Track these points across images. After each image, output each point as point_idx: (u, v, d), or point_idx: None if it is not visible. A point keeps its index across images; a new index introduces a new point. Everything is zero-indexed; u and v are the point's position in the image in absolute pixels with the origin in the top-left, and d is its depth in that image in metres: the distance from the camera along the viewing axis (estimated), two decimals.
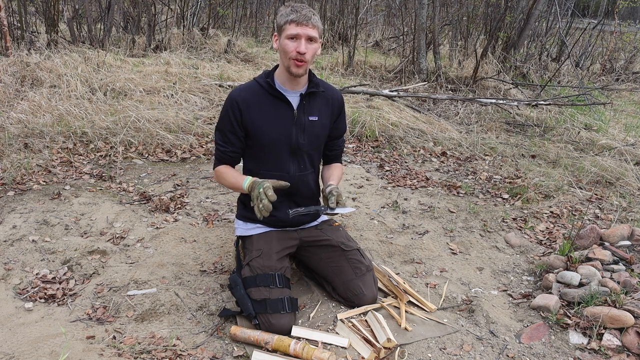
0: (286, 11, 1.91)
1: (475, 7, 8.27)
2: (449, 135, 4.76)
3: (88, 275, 2.27)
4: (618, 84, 8.55)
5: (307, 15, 1.88)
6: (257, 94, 2.01)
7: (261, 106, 2.00)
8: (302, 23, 1.88)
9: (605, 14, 11.25)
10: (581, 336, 1.99)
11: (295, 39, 1.89)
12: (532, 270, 2.54)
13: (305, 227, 2.21)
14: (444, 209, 3.22)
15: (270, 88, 2.00)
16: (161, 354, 1.78)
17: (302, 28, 1.88)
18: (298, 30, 1.88)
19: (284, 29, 1.90)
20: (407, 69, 7.10)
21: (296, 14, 1.88)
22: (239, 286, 1.98)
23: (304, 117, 2.04)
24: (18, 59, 5.03)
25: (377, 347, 1.89)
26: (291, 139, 2.03)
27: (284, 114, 2.01)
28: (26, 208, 2.82)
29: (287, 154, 2.05)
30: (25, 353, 1.73)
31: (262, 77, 2.04)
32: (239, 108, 1.98)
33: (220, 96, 5.19)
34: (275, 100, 2.01)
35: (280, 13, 1.94)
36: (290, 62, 1.92)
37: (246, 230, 2.16)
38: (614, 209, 3.37)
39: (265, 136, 2.01)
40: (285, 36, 1.90)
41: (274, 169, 2.06)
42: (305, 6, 1.91)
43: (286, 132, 2.02)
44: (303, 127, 2.04)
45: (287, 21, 1.89)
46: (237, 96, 1.99)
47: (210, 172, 3.59)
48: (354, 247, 2.17)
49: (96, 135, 3.90)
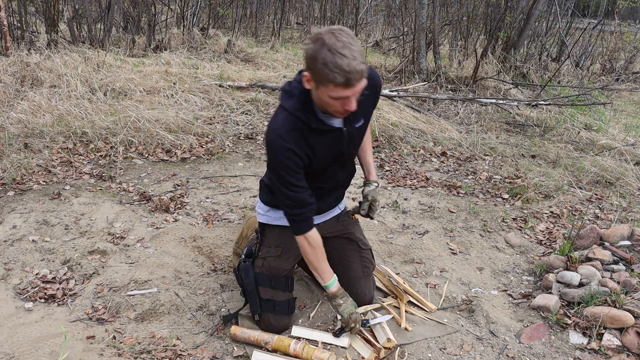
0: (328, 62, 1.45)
1: (475, 7, 8.27)
2: (449, 135, 4.76)
3: (88, 275, 2.27)
4: (618, 84, 8.54)
5: (356, 71, 1.46)
6: (303, 131, 1.70)
7: (312, 141, 1.72)
8: (351, 85, 1.49)
9: (605, 14, 11.25)
10: (581, 336, 1.99)
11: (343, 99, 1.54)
12: (532, 270, 2.54)
13: (328, 217, 2.09)
14: (444, 209, 3.22)
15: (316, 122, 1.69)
16: (161, 354, 1.79)
17: (352, 89, 1.50)
18: (347, 93, 1.51)
19: (327, 87, 1.50)
20: (407, 69, 7.10)
21: (344, 74, 1.45)
22: (250, 280, 1.94)
23: (351, 129, 1.81)
24: (18, 59, 5.03)
25: (377, 347, 1.89)
26: (343, 153, 1.85)
27: (335, 137, 1.78)
28: (26, 208, 2.82)
29: (339, 167, 1.92)
30: (25, 353, 1.73)
31: (299, 110, 1.68)
32: (297, 154, 1.69)
33: (220, 96, 5.19)
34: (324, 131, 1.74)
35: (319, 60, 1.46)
36: (334, 112, 1.64)
37: (273, 220, 1.99)
38: (614, 209, 3.37)
39: (321, 164, 1.81)
40: (327, 94, 1.53)
41: (325, 182, 1.91)
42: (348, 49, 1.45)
43: (339, 151, 1.83)
44: (353, 137, 1.85)
45: (333, 82, 1.48)
46: (287, 144, 1.66)
47: (211, 172, 3.59)
48: (369, 246, 2.17)
49: (96, 135, 3.90)
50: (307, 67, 1.55)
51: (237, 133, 4.42)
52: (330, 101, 1.56)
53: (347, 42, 1.46)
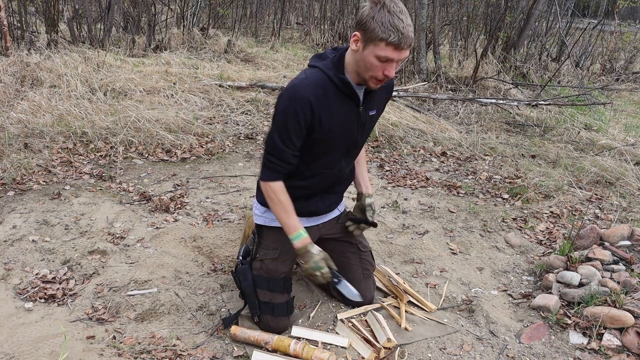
0: (384, 21, 1.51)
1: (475, 7, 8.27)
2: (449, 135, 4.76)
3: (88, 275, 2.27)
4: (618, 84, 8.54)
5: (409, 37, 1.53)
6: (329, 91, 1.70)
7: (331, 105, 1.72)
8: (402, 47, 1.54)
9: (605, 14, 11.25)
10: (581, 336, 1.99)
11: (386, 61, 1.58)
12: (532, 270, 2.54)
13: (327, 219, 2.08)
14: (444, 209, 3.22)
15: (345, 86, 1.70)
16: (161, 354, 1.79)
17: (400, 53, 1.56)
18: (394, 56, 1.56)
19: (378, 45, 1.54)
20: (407, 69, 7.10)
21: (397, 34, 1.51)
22: (248, 282, 1.94)
23: (365, 114, 1.82)
24: (18, 59, 5.03)
25: (377, 347, 1.89)
26: (352, 137, 1.83)
27: (351, 112, 1.77)
28: (26, 208, 2.82)
29: (343, 152, 1.87)
30: (25, 353, 1.73)
31: (331, 69, 1.70)
32: (312, 108, 1.67)
33: (220, 96, 5.19)
34: (346, 97, 1.74)
35: (374, 15, 1.53)
36: (370, 79, 1.65)
37: (269, 221, 1.97)
38: (614, 209, 3.37)
39: (330, 137, 1.78)
40: (374, 53, 1.56)
41: (326, 166, 1.86)
42: (404, 15, 1.53)
43: (349, 132, 1.81)
44: (364, 123, 1.84)
45: (385, 40, 1.52)
46: (308, 94, 1.66)
47: (211, 172, 3.59)
48: (369, 248, 2.17)
49: (96, 135, 3.90)
50: (360, 26, 1.58)
51: (237, 133, 4.42)
52: (375, 62, 1.58)
53: (405, 12, 1.54)
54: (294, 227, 1.80)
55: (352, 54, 1.66)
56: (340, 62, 1.71)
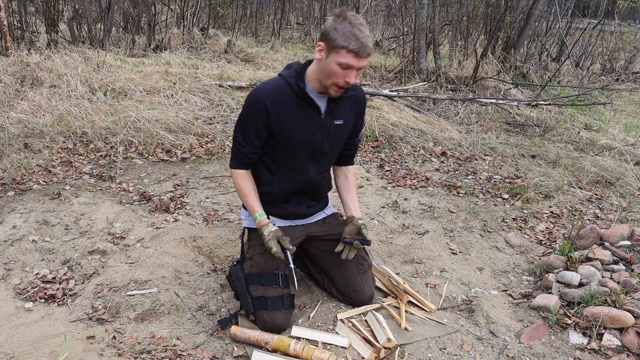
0: (345, 31, 1.68)
1: (475, 7, 8.27)
2: (449, 135, 4.76)
3: (88, 275, 2.27)
4: (618, 84, 8.54)
5: (367, 46, 1.69)
6: (286, 97, 1.86)
7: (289, 110, 1.87)
8: (360, 55, 1.71)
9: (605, 14, 11.25)
10: (581, 336, 1.99)
11: (346, 69, 1.73)
12: (532, 270, 2.54)
13: (312, 221, 2.16)
14: (444, 209, 3.22)
15: (301, 93, 1.86)
16: (161, 354, 1.79)
17: (359, 61, 1.72)
18: (354, 63, 1.71)
19: (338, 52, 1.70)
20: (407, 69, 7.10)
21: (357, 43, 1.67)
22: (240, 280, 1.97)
23: (330, 122, 1.94)
24: (18, 59, 5.03)
25: (377, 347, 1.89)
26: (315, 144, 1.95)
27: (311, 118, 1.90)
28: (26, 208, 2.82)
29: (309, 158, 1.98)
30: (25, 353, 1.73)
31: (292, 77, 1.87)
32: (267, 111, 1.84)
33: (220, 96, 5.19)
34: (304, 104, 1.88)
35: (336, 27, 1.70)
36: (332, 86, 1.79)
37: (253, 223, 2.05)
38: (614, 209, 3.37)
39: (291, 141, 1.91)
40: (336, 61, 1.72)
41: (294, 171, 1.99)
42: (364, 27, 1.70)
43: (311, 138, 1.93)
44: (329, 131, 1.95)
45: (346, 48, 1.68)
46: (265, 98, 1.84)
47: (210, 171, 3.59)
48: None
49: (96, 135, 3.90)
50: (323, 37, 1.75)
51: None
52: (337, 69, 1.74)
53: (364, 24, 1.72)
54: (253, 209, 1.96)
55: (316, 64, 1.82)
56: (302, 72, 1.89)
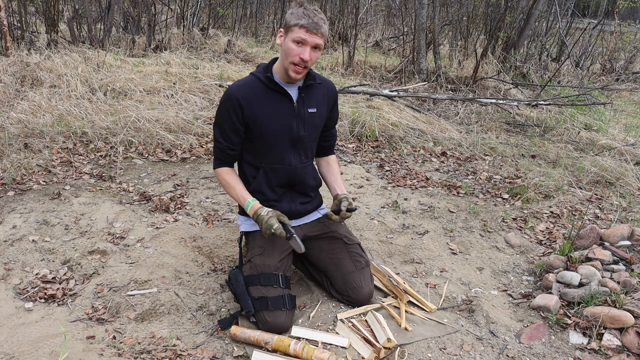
0: (298, 12, 1.86)
1: (475, 7, 8.27)
2: (449, 135, 4.76)
3: (88, 275, 2.27)
4: (618, 84, 8.55)
5: (318, 24, 1.84)
6: (257, 89, 1.98)
7: (262, 100, 1.98)
8: (311, 31, 1.84)
9: (605, 14, 11.25)
10: (581, 336, 1.99)
11: (301, 45, 1.86)
12: (532, 270, 2.54)
13: (308, 221, 2.21)
14: (444, 209, 3.22)
15: (270, 82, 1.97)
16: (161, 354, 1.79)
17: (311, 35, 1.85)
18: (306, 37, 1.85)
19: (292, 30, 1.86)
20: (407, 69, 7.10)
21: (307, 19, 1.83)
22: (240, 282, 1.98)
23: (303, 109, 2.03)
24: (18, 59, 5.03)
25: (377, 347, 1.89)
26: (292, 131, 2.02)
27: (284, 107, 2.00)
28: (26, 208, 2.82)
29: (288, 146, 2.05)
30: (25, 353, 1.73)
31: (260, 71, 2.01)
32: (240, 104, 1.95)
33: (220, 96, 5.19)
34: (275, 94, 1.99)
35: (292, 11, 1.88)
36: (290, 66, 1.90)
37: (250, 226, 2.13)
38: (614, 209, 3.37)
39: (267, 130, 1.99)
40: (291, 38, 1.87)
41: (276, 161, 2.05)
42: (317, 12, 1.87)
43: (287, 125, 2.01)
44: (303, 119, 2.04)
45: (297, 24, 1.84)
46: (236, 92, 1.96)
47: (210, 171, 3.59)
48: (356, 241, 2.21)
49: (96, 135, 3.90)
50: (283, 24, 1.93)
51: None
52: (293, 46, 1.86)
53: (319, 11, 1.88)
54: (244, 197, 2.00)
55: (280, 52, 1.96)
56: (269, 65, 2.03)
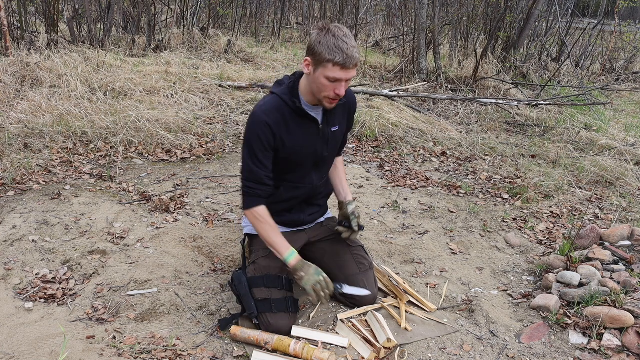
0: (329, 44, 1.68)
1: (475, 7, 8.27)
2: (449, 135, 4.76)
3: (88, 275, 2.27)
4: (618, 84, 8.54)
5: (353, 57, 1.70)
6: (285, 114, 1.87)
7: (290, 126, 1.89)
8: (347, 67, 1.70)
9: (605, 14, 11.25)
10: (581, 336, 1.99)
11: (335, 82, 1.74)
12: (532, 270, 2.54)
13: (312, 225, 2.21)
14: (444, 209, 3.22)
15: (297, 109, 1.88)
16: (161, 354, 1.79)
17: (347, 72, 1.72)
18: (341, 75, 1.72)
19: (326, 67, 1.71)
20: (407, 69, 7.10)
21: (342, 55, 1.68)
22: (243, 284, 1.97)
23: (327, 130, 1.98)
24: (18, 59, 5.03)
25: (377, 347, 1.89)
26: (317, 152, 1.98)
27: (311, 130, 1.94)
28: (26, 208, 2.82)
29: (311, 167, 2.02)
30: (25, 353, 1.73)
31: (286, 94, 1.88)
32: (272, 131, 1.85)
33: (220, 96, 5.19)
34: (303, 118, 1.91)
35: (320, 40, 1.70)
36: (324, 99, 1.81)
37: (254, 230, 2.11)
38: (614, 209, 3.37)
39: (294, 154, 1.94)
40: (324, 75, 1.73)
41: (297, 180, 2.02)
42: (347, 38, 1.70)
43: (313, 148, 1.96)
44: (327, 139, 1.99)
45: (331, 61, 1.69)
46: (267, 119, 1.83)
47: (211, 172, 3.59)
48: (359, 243, 2.22)
49: (96, 135, 3.90)
50: (309, 51, 1.76)
51: (237, 133, 4.42)
52: (326, 83, 1.75)
53: (349, 35, 1.72)
54: (286, 246, 1.91)
55: (306, 78, 1.84)
56: (294, 87, 1.90)
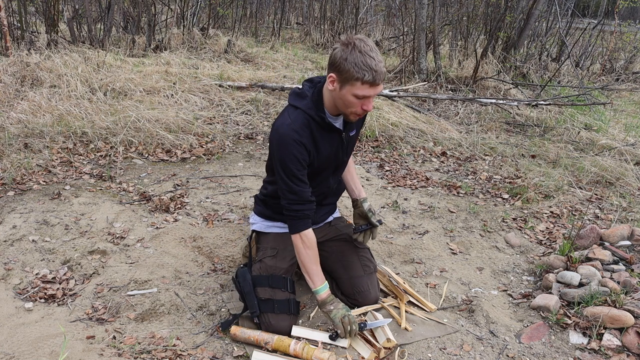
0: (358, 61, 1.61)
1: (475, 7, 8.27)
2: (449, 135, 4.76)
3: (88, 275, 2.27)
4: (618, 84, 8.54)
5: (381, 72, 1.64)
6: (313, 129, 1.83)
7: (318, 140, 1.86)
8: (376, 84, 1.65)
9: (605, 14, 11.24)
10: (581, 336, 1.99)
11: (363, 98, 1.69)
12: (532, 270, 2.54)
13: (320, 225, 2.20)
14: (444, 209, 3.22)
15: (324, 124, 1.84)
16: (161, 354, 1.79)
17: (376, 89, 1.67)
18: (371, 92, 1.67)
19: (354, 85, 1.65)
20: (407, 69, 7.10)
21: (371, 73, 1.62)
22: (247, 282, 1.97)
23: (347, 136, 1.97)
24: (18, 59, 5.03)
25: (377, 347, 1.89)
26: (338, 159, 1.99)
27: (335, 141, 1.92)
28: (26, 208, 2.82)
29: (331, 172, 2.02)
30: (25, 353, 1.73)
31: (310, 108, 1.82)
32: (307, 149, 1.81)
33: (220, 96, 5.19)
34: (329, 131, 1.88)
35: (346, 57, 1.62)
36: (350, 114, 1.77)
37: (265, 227, 2.12)
38: (614, 209, 3.37)
39: (320, 165, 1.92)
40: (352, 92, 1.67)
41: (317, 185, 1.98)
42: (374, 52, 1.64)
43: (335, 156, 1.96)
44: (346, 145, 1.99)
45: (360, 80, 1.63)
46: (300, 138, 1.78)
47: (210, 171, 3.59)
48: (366, 246, 2.21)
49: (96, 135, 3.90)
50: (334, 68, 1.68)
51: (237, 133, 4.42)
52: (354, 100, 1.70)
53: (375, 49, 1.65)
54: (322, 279, 1.89)
55: (330, 92, 1.77)
56: (319, 100, 1.83)
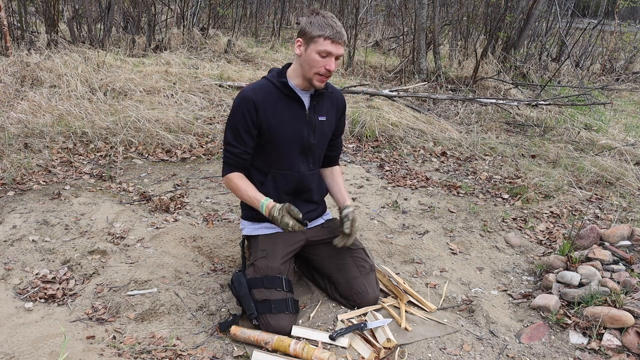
0: (319, 22, 1.84)
1: (475, 7, 8.27)
2: (449, 135, 4.76)
3: (88, 275, 2.27)
4: (618, 84, 8.55)
5: (341, 33, 1.84)
6: (271, 93, 1.97)
7: (275, 105, 1.97)
8: (336, 41, 1.84)
9: (605, 14, 11.25)
10: (581, 336, 1.99)
11: (326, 56, 1.86)
12: (532, 270, 2.54)
13: (312, 226, 2.19)
14: (444, 209, 3.22)
15: (285, 88, 1.97)
16: (161, 354, 1.79)
17: (336, 47, 1.85)
18: (332, 49, 1.85)
19: (316, 42, 1.85)
20: (407, 69, 7.10)
21: (331, 30, 1.83)
22: (242, 285, 1.97)
23: (314, 117, 2.04)
24: (18, 59, 5.03)
25: (377, 347, 1.89)
26: (303, 138, 2.03)
27: (297, 113, 2.00)
28: (26, 208, 2.82)
29: (298, 153, 2.05)
30: (25, 353, 1.73)
31: (273, 76, 2.00)
32: (255, 107, 1.94)
33: (220, 96, 5.19)
34: (289, 100, 1.99)
35: (310, 21, 1.86)
36: (315, 76, 1.91)
37: (253, 230, 2.13)
38: (614, 209, 3.37)
39: (279, 135, 1.99)
40: (315, 50, 1.85)
41: (285, 167, 2.05)
42: (337, 21, 1.87)
43: (299, 132, 2.01)
44: (314, 127, 2.04)
45: (322, 36, 1.83)
46: (252, 95, 1.94)
47: (210, 171, 3.59)
48: (360, 246, 2.20)
49: (96, 135, 3.90)
50: (301, 33, 1.90)
51: None
52: (317, 58, 1.86)
53: (336, 18, 1.88)
54: (257, 199, 1.97)
55: (297, 60, 1.95)
56: (282, 71, 2.02)
